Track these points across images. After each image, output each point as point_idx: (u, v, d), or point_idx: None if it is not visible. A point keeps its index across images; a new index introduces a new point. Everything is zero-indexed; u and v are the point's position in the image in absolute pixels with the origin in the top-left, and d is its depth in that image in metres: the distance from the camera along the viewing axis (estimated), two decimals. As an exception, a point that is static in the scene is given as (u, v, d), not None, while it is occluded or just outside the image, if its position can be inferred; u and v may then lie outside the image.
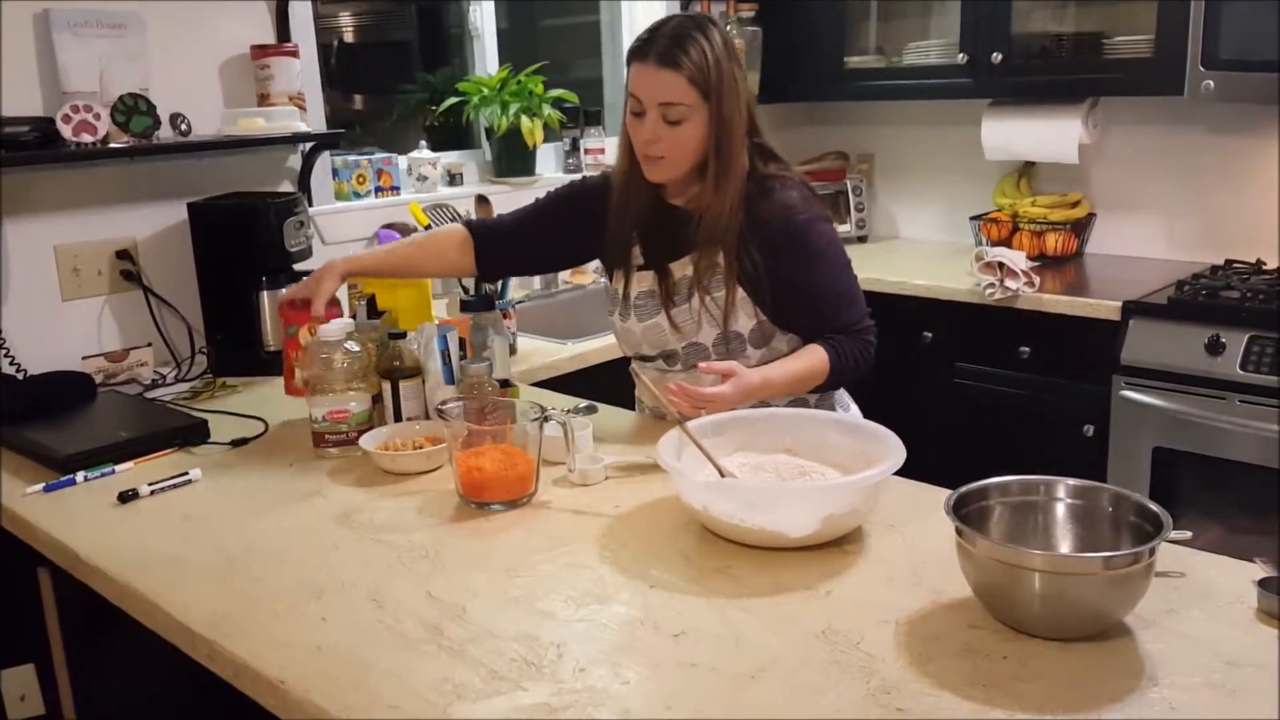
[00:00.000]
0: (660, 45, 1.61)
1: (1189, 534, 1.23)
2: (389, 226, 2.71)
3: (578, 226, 1.84)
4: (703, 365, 1.62)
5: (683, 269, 1.73)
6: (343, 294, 2.27)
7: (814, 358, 1.69)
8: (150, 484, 1.58)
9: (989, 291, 2.69)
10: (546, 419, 1.52)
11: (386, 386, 1.74)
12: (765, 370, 1.65)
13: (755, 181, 1.69)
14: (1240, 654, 1.06)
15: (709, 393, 1.56)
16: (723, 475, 1.40)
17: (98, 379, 2.12)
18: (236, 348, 2.23)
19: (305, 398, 1.71)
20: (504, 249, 1.90)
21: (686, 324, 1.73)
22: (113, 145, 2.08)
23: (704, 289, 1.70)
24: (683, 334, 1.74)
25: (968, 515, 1.16)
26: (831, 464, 1.45)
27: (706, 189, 1.68)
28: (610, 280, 1.84)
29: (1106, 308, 2.55)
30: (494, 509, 1.47)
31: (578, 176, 1.97)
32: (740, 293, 1.69)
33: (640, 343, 1.80)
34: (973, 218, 3.22)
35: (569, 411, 1.68)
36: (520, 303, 2.65)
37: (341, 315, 1.83)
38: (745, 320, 1.71)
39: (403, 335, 1.77)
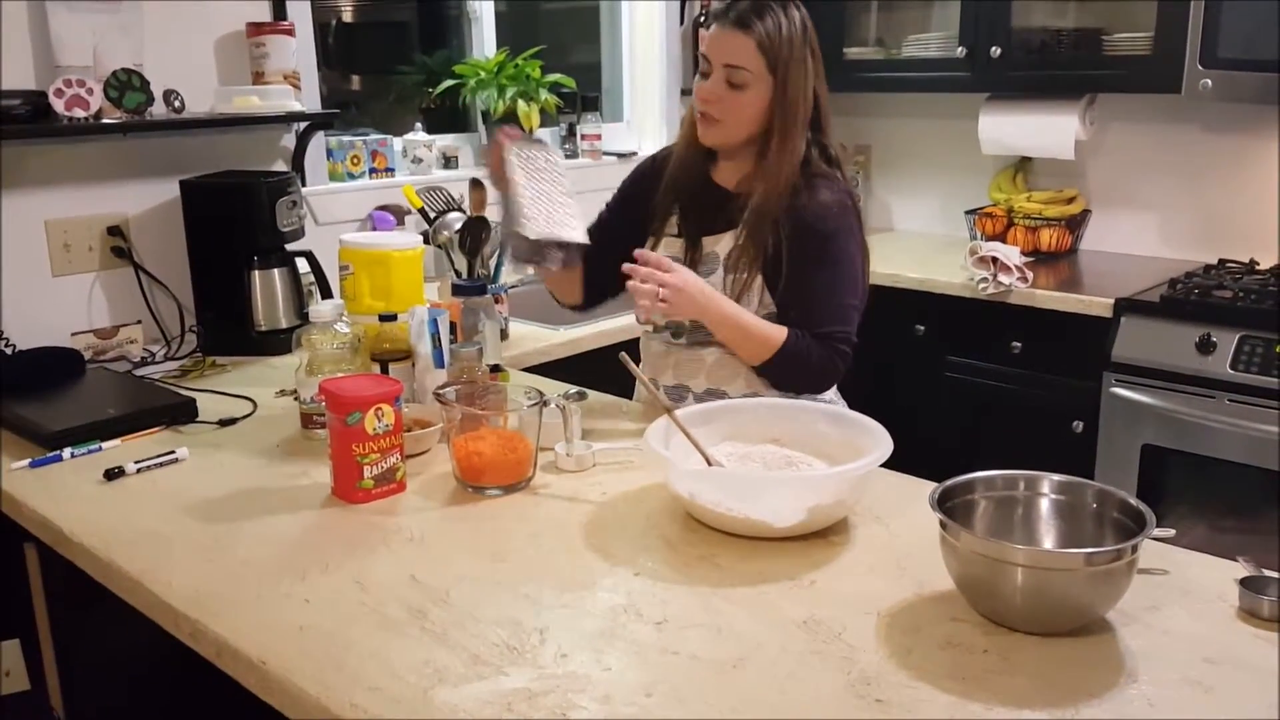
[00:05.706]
0: (739, 9, 1.65)
1: (1172, 531, 1.23)
2: (382, 208, 2.70)
3: (647, 213, 1.81)
4: (639, 252, 1.62)
5: (714, 244, 1.73)
6: (333, 276, 2.27)
7: (771, 327, 1.66)
8: (137, 462, 1.58)
9: (982, 286, 2.69)
10: (545, 403, 1.52)
11: (376, 369, 1.73)
12: (720, 296, 1.65)
13: (805, 176, 1.68)
14: (1220, 652, 1.06)
15: (665, 264, 1.59)
16: (710, 464, 1.40)
17: (87, 355, 2.11)
18: (227, 327, 2.22)
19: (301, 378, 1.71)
20: (594, 274, 1.84)
21: None
22: (105, 121, 2.07)
23: (730, 267, 1.70)
24: None
25: (953, 509, 1.16)
26: (819, 455, 1.45)
27: (759, 169, 1.68)
28: (645, 244, 1.83)
29: (1099, 304, 2.55)
30: (491, 493, 1.47)
31: (642, 160, 1.92)
32: (759, 279, 1.69)
33: None
34: (968, 212, 3.22)
35: (558, 397, 1.68)
36: (513, 287, 2.64)
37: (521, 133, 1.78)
38: (759, 307, 1.70)
39: (393, 317, 1.77)
